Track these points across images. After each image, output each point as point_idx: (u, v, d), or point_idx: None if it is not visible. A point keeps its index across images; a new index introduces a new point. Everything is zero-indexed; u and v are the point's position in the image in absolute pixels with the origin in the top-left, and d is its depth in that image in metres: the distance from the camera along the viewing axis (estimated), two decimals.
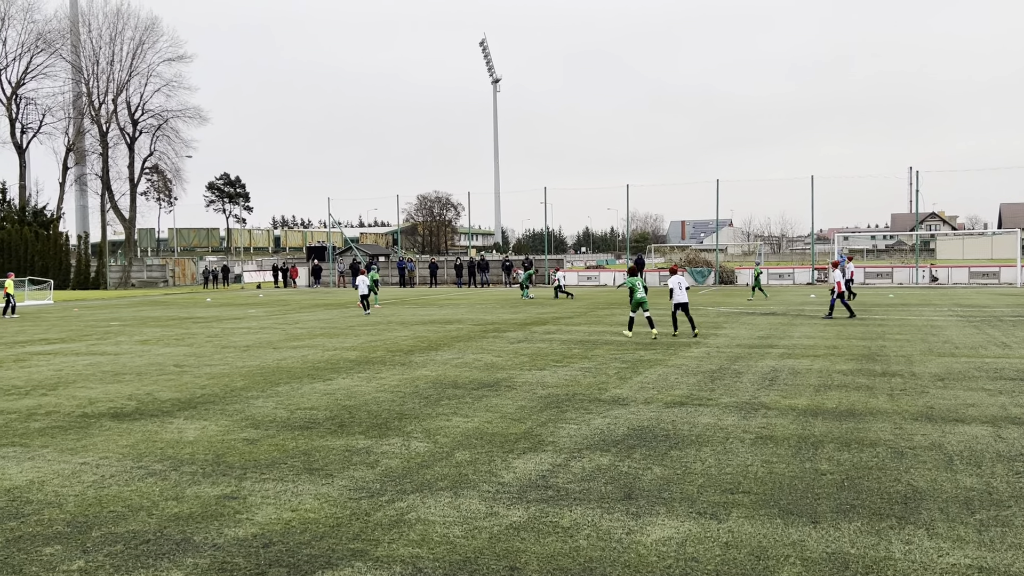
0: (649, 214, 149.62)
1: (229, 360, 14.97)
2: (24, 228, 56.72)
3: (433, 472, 6.98)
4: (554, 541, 5.27)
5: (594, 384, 11.56)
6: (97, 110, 60.65)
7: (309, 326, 22.52)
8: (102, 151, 60.93)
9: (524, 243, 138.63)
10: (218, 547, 5.25)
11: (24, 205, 60.09)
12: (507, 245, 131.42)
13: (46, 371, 13.87)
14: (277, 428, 8.87)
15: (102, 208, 61.83)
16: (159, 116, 62.73)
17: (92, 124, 61.16)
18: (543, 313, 26.39)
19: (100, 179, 61.54)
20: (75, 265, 58.77)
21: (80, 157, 62.17)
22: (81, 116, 61.75)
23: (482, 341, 17.71)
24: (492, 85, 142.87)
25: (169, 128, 62.98)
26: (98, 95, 60.88)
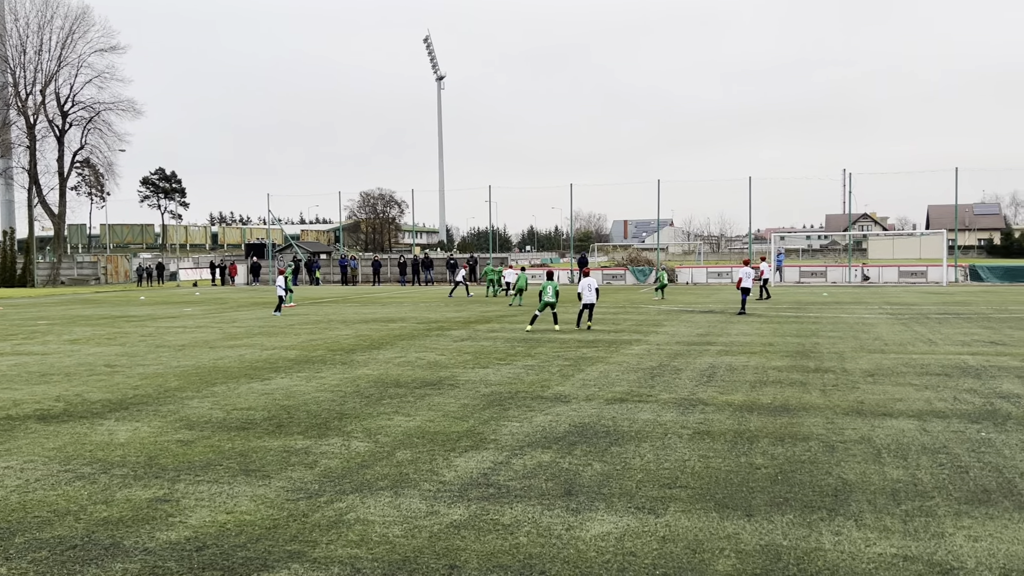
0: (593, 213, 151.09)
1: (163, 360, 14.58)
2: None
3: (373, 472, 6.91)
4: (494, 539, 5.27)
5: (537, 382, 11.61)
6: (24, 101, 58.37)
7: (247, 325, 22.08)
8: (29, 144, 58.68)
9: (469, 241, 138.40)
10: (149, 551, 5.11)
11: None
12: (452, 243, 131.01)
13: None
14: (213, 429, 8.68)
15: (29, 203, 59.54)
16: (90, 108, 60.70)
17: (19, 116, 58.84)
18: (487, 311, 26.39)
19: (27, 173, 59.26)
20: (0, 262, 56.48)
21: (6, 150, 59.73)
22: (7, 107, 59.34)
23: (425, 339, 17.62)
24: (436, 82, 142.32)
25: (101, 121, 61.01)
26: (25, 85, 58.61)
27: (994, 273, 43.57)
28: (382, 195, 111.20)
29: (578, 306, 20.43)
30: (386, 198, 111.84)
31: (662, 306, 27.58)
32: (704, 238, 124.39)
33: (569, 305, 28.77)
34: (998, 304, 26.41)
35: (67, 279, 58.89)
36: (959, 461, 7.04)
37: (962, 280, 43.92)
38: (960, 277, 44.22)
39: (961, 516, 5.62)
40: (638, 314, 24.31)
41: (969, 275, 44.24)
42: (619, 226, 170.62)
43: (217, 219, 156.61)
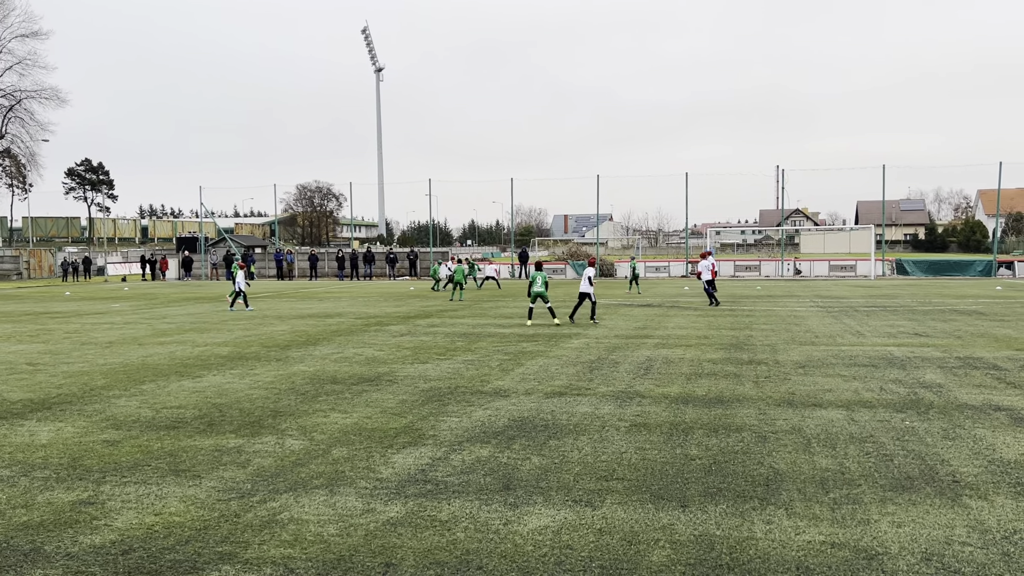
0: (534, 208, 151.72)
1: (89, 357, 14.07)
2: None
3: (308, 470, 6.79)
4: (432, 535, 5.23)
5: (476, 376, 11.58)
6: None
7: (178, 321, 21.49)
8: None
9: (409, 235, 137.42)
10: (72, 556, 4.92)
11: None
12: (391, 237, 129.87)
13: None
14: (141, 428, 8.41)
15: None
16: (11, 96, 58.26)
17: None
18: (427, 306, 26.23)
19: None
20: None
21: None
22: None
23: (364, 335, 17.42)
24: (375, 74, 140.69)
25: (23, 109, 58.66)
26: None
27: (919, 267, 45.28)
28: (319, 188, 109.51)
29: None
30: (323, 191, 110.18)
31: (602, 300, 27.85)
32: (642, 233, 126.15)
33: (511, 299, 28.79)
34: (922, 297, 27.45)
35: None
36: (884, 449, 7.28)
37: (889, 274, 45.52)
38: (887, 271, 45.83)
39: (886, 503, 5.80)
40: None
41: (896, 269, 45.89)
42: (560, 221, 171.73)
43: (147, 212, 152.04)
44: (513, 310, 23.89)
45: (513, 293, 33.62)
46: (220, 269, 54.16)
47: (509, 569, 4.66)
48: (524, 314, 20.60)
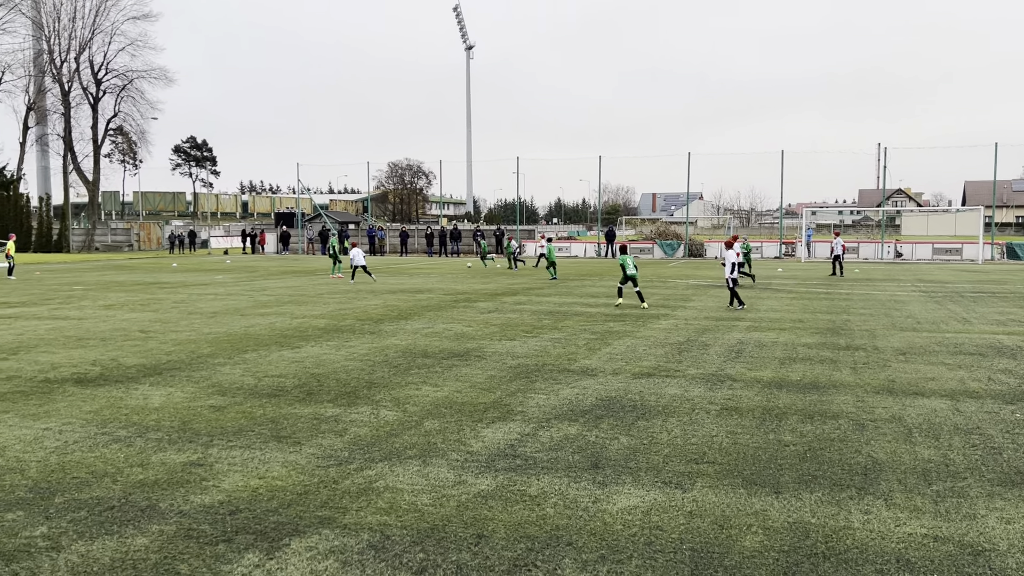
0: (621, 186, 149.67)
1: (196, 326, 14.80)
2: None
3: (402, 441, 6.98)
4: (521, 509, 5.31)
5: (563, 355, 11.62)
6: (59, 68, 58.95)
7: (277, 293, 22.31)
8: (64, 111, 59.33)
9: (496, 213, 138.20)
10: (184, 514, 5.22)
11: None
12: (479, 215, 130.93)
13: (6, 335, 13.60)
14: (244, 395, 8.81)
15: (64, 169, 60.37)
16: (123, 76, 61.11)
17: (54, 83, 59.46)
18: (514, 284, 26.40)
19: (62, 140, 60.01)
20: (36, 227, 57.49)
21: (41, 117, 60.51)
22: (42, 74, 59.99)
23: (452, 311, 17.69)
24: (465, 52, 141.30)
25: (134, 89, 61.42)
26: (59, 53, 59.13)
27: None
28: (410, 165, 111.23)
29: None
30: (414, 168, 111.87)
31: (690, 280, 27.39)
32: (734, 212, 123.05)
33: (597, 279, 28.67)
34: None
35: (101, 245, 59.80)
36: (992, 442, 6.95)
37: (998, 258, 43.07)
38: (996, 255, 43.37)
39: (994, 497, 5.56)
40: (666, 288, 24.17)
41: (1006, 253, 43.37)
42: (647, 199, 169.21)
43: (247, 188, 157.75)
44: (600, 289, 23.79)
45: (599, 272, 33.46)
46: (316, 244, 55.82)
47: (599, 547, 4.70)
48: (610, 294, 20.50)
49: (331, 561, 4.48)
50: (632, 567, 4.42)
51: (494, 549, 4.64)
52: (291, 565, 4.42)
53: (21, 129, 60.36)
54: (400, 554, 4.58)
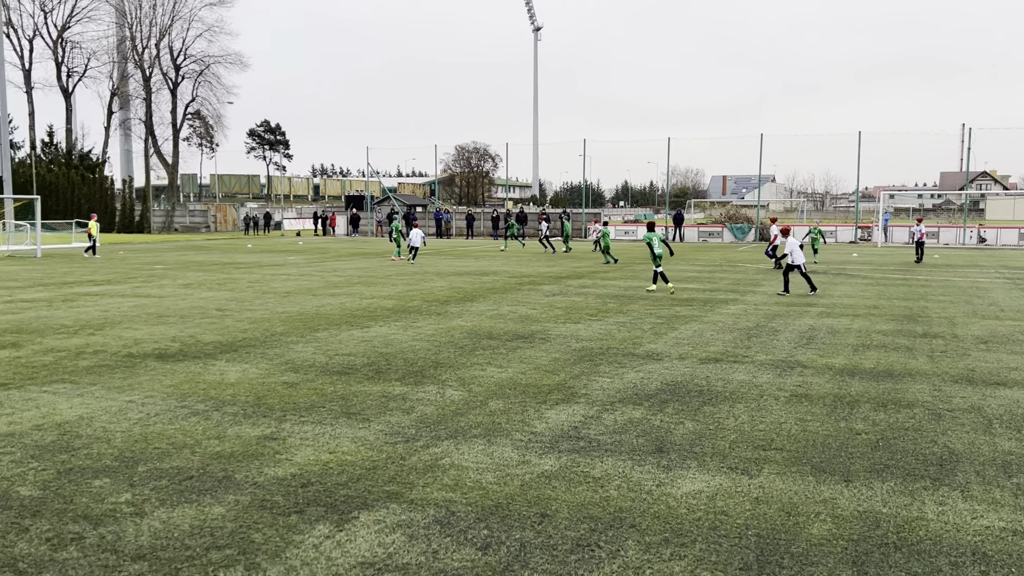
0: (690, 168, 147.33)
1: (269, 305, 15.23)
2: (71, 171, 57.78)
3: (467, 420, 7.08)
4: (585, 490, 5.34)
5: (628, 339, 11.56)
6: (140, 55, 61.06)
7: (347, 274, 22.77)
8: (145, 96, 61.51)
9: (561, 196, 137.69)
10: (258, 485, 5.42)
11: (71, 148, 61.15)
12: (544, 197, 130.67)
13: (93, 312, 14.25)
14: (316, 373, 9.05)
15: (146, 153, 62.67)
16: (201, 61, 63.00)
17: (136, 69, 61.66)
18: (579, 267, 26.33)
19: (144, 124, 62.26)
20: (120, 209, 59.85)
21: (124, 102, 62.86)
22: (125, 60, 62.25)
23: (517, 293, 17.77)
24: (533, 34, 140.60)
25: (211, 74, 63.30)
26: (141, 39, 61.23)
27: None
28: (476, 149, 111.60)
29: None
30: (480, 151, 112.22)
31: (760, 265, 26.84)
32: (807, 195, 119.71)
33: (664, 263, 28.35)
34: None
35: (180, 226, 61.96)
36: None
37: None
38: None
39: None
40: (735, 272, 23.76)
41: None
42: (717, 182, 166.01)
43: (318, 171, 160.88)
44: (666, 274, 23.52)
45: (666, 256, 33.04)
46: (384, 226, 56.68)
47: (662, 530, 4.69)
48: (677, 278, 20.30)
49: (398, 535, 4.59)
50: (696, 551, 4.41)
51: (557, 528, 4.69)
52: (359, 537, 4.55)
53: (106, 114, 62.87)
54: (465, 530, 4.66)
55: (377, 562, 4.24)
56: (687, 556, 4.34)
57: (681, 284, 19.84)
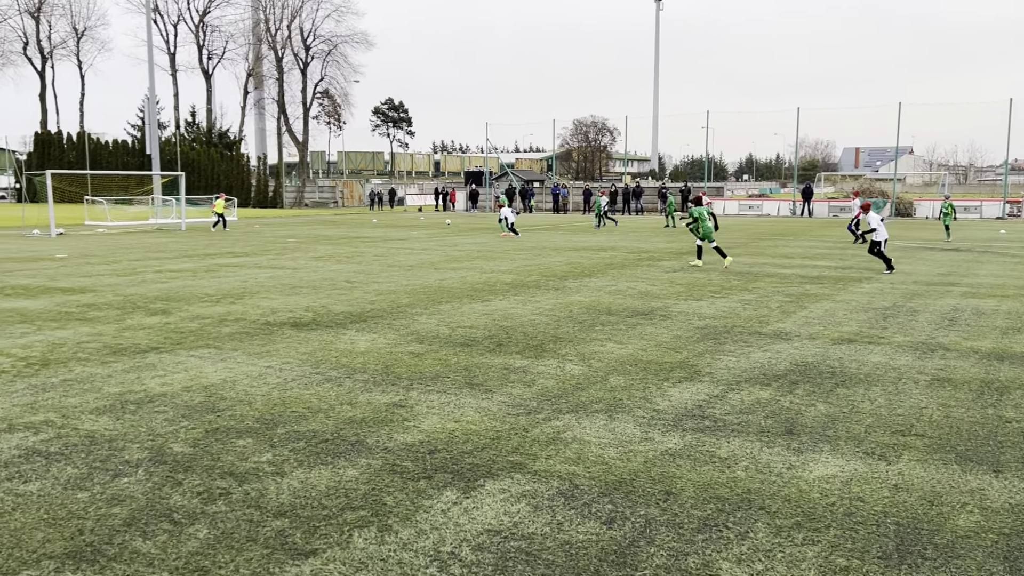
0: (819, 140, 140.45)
1: (394, 278, 15.70)
2: (211, 149, 61.36)
3: (588, 395, 7.08)
4: (711, 470, 5.24)
5: (754, 317, 11.22)
6: (273, 36, 63.84)
7: (467, 249, 23.15)
8: (278, 76, 64.37)
9: (681, 170, 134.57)
10: (388, 450, 5.62)
11: (211, 127, 64.88)
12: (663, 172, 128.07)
13: (233, 281, 15.13)
14: (440, 344, 9.27)
15: (278, 131, 65.70)
16: (329, 41, 65.24)
17: (269, 50, 64.58)
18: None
19: (276, 103, 65.20)
20: (255, 185, 63.11)
21: (258, 82, 66.01)
22: (259, 42, 65.28)
23: (636, 269, 17.55)
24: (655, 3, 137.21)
25: (338, 53, 65.48)
26: (274, 21, 63.98)
27: None
28: (594, 122, 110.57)
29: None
30: (598, 125, 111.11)
31: (897, 242, 25.38)
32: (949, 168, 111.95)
33: (791, 238, 27.20)
34: None
35: (310, 201, 64.73)
36: None
37: None
38: None
39: None
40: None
41: None
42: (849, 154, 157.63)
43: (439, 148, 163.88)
44: (794, 250, 22.65)
45: (793, 231, 31.79)
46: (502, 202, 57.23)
47: (793, 513, 4.54)
48: (806, 255, 19.49)
49: (523, 504, 4.66)
50: (830, 536, 4.24)
51: (683, 507, 4.62)
52: (486, 505, 4.65)
53: (242, 94, 66.26)
54: (589, 503, 4.67)
55: (504, 530, 4.31)
56: (821, 541, 4.19)
57: (811, 261, 19.05)
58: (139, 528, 4.33)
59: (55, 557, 3.99)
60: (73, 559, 3.98)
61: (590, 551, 4.07)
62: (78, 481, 5.01)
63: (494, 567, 3.91)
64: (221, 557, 4.01)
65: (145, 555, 4.03)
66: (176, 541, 4.18)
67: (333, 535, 4.25)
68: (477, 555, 4.03)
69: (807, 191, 48.92)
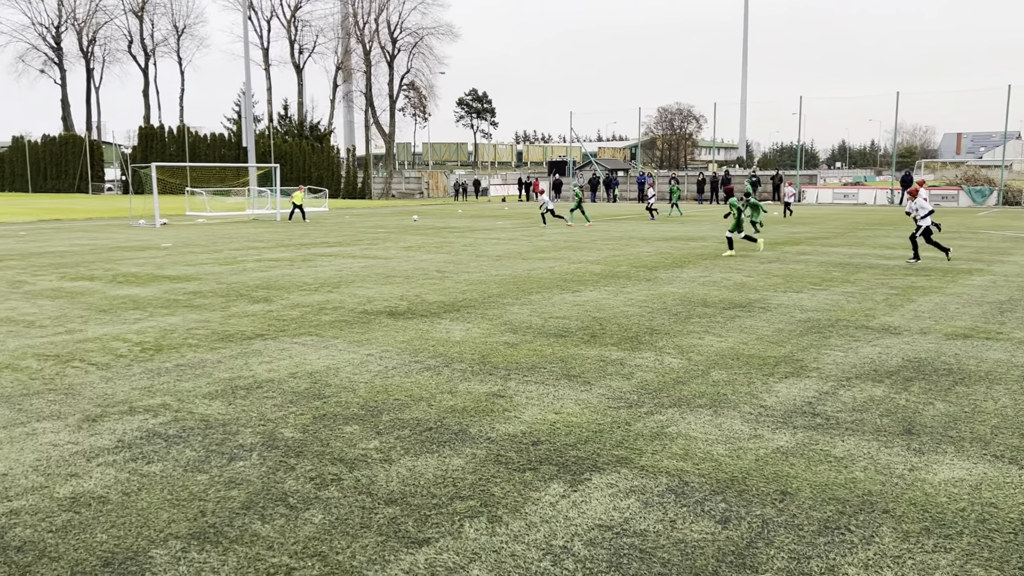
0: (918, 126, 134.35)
1: (484, 268, 15.77)
2: (302, 141, 63.07)
3: (690, 389, 6.92)
4: (827, 470, 5.03)
5: (859, 310, 10.77)
6: (361, 29, 65.01)
7: (553, 239, 23.07)
8: (365, 69, 65.54)
9: (770, 157, 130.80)
10: (492, 440, 5.62)
11: (302, 120, 66.67)
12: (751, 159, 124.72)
13: (329, 271, 15.49)
14: (533, 334, 9.24)
15: (366, 123, 66.97)
16: (415, 33, 65.97)
17: (357, 43, 65.77)
18: (795, 232, 24.92)
19: (364, 96, 66.44)
20: (344, 176, 64.57)
21: (347, 75, 67.41)
22: (348, 36, 66.58)
23: (729, 260, 17.12)
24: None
25: (424, 45, 66.15)
26: (362, 15, 65.14)
27: None
28: (680, 110, 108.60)
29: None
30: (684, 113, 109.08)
31: (1007, 232, 24.00)
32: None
33: (891, 228, 26.08)
34: None
35: (396, 192, 65.82)
36: None
37: None
38: None
39: None
40: (977, 240, 21.42)
41: None
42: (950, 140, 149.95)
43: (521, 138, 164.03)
44: (895, 240, 21.69)
45: (892, 221, 30.47)
46: (586, 191, 56.84)
47: (921, 518, 4.32)
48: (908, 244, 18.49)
49: (632, 500, 4.57)
50: (963, 544, 4.01)
51: (801, 508, 4.45)
52: (594, 499, 4.58)
53: (331, 88, 67.79)
54: (701, 501, 4.55)
55: (615, 526, 4.25)
56: (954, 549, 3.96)
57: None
58: (257, 511, 4.45)
59: (180, 537, 4.14)
60: (198, 540, 4.12)
61: (706, 551, 3.96)
62: (197, 464, 5.19)
63: (608, 563, 3.85)
64: (337, 543, 4.07)
65: (265, 538, 4.13)
66: (293, 525, 4.28)
67: (444, 524, 4.27)
68: (590, 550, 3.98)
69: (906, 178, 46.76)
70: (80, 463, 5.19)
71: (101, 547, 4.03)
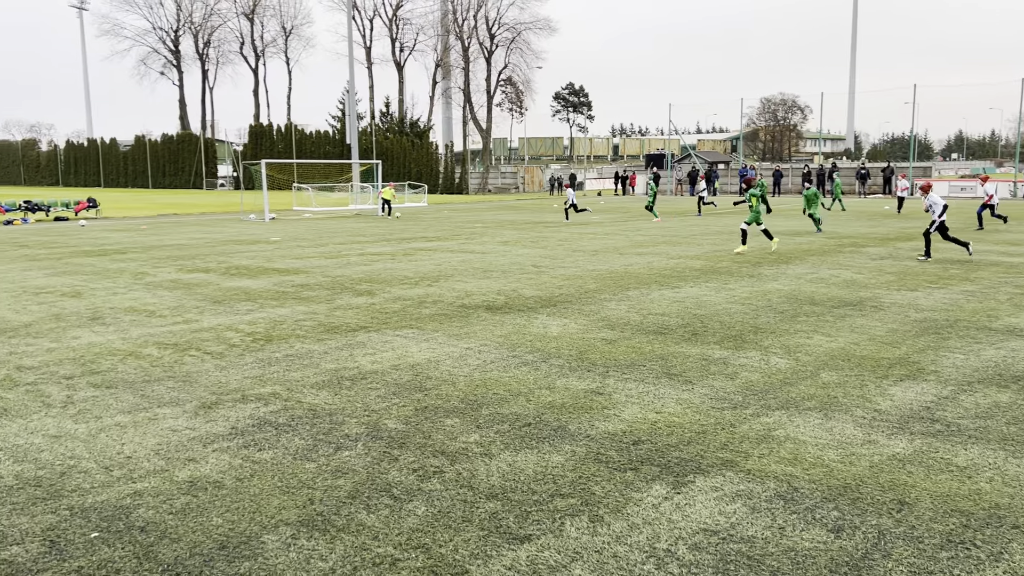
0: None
1: (580, 263, 15.69)
2: (403, 138, 64.42)
3: (798, 391, 6.67)
4: (948, 480, 4.75)
5: (981, 310, 10.14)
6: (460, 26, 65.83)
7: (651, 233, 22.74)
8: (464, 65, 66.37)
9: (880, 149, 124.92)
10: (591, 438, 5.57)
11: (402, 117, 68.07)
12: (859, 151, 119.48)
13: (428, 265, 15.74)
14: (632, 331, 9.12)
15: (464, 119, 67.84)
16: (513, 29, 66.36)
17: (456, 40, 66.67)
18: (907, 227, 23.72)
19: (462, 92, 67.28)
20: (442, 171, 65.59)
21: (446, 72, 68.43)
22: (447, 33, 67.57)
23: (838, 256, 16.45)
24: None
25: (521, 40, 66.49)
26: (461, 12, 65.96)
27: None
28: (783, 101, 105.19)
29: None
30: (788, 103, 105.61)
31: None
32: None
33: (1016, 223, 24.47)
34: None
35: (493, 187, 66.38)
36: None
37: None
38: None
39: None
40: None
41: None
42: None
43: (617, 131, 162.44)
44: (1019, 236, 20.34)
45: (1016, 215, 28.56)
46: (684, 185, 55.80)
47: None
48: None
49: (739, 504, 4.44)
50: None
51: (920, 519, 4.22)
52: (699, 503, 4.47)
53: (431, 84, 69.01)
54: (812, 508, 4.37)
55: (721, 531, 4.13)
56: None
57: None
58: (363, 501, 4.56)
59: (291, 524, 4.28)
60: (307, 527, 4.24)
61: (819, 561, 3.80)
62: (305, 452, 5.36)
63: (714, 569, 3.75)
64: (440, 536, 4.12)
65: (370, 528, 4.22)
66: (397, 516, 4.35)
67: (545, 521, 4.26)
68: (695, 555, 3.88)
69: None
70: (197, 448, 5.44)
71: (217, 530, 4.21)
